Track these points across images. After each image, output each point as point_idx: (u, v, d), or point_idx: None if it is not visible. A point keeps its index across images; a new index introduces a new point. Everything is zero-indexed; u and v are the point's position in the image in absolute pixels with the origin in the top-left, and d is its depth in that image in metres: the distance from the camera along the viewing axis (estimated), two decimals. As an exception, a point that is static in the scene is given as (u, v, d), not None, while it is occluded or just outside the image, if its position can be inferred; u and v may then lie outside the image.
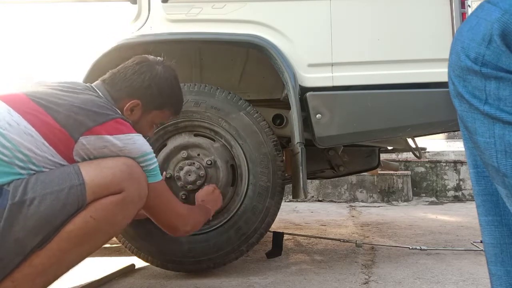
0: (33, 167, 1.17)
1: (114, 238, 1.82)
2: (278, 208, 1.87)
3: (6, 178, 1.14)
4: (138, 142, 1.30)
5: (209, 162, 1.86)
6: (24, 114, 1.20)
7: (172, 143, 1.87)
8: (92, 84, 1.42)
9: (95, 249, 1.25)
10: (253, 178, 1.83)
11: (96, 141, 1.23)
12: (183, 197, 1.84)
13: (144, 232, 1.78)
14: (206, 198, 1.73)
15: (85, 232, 1.18)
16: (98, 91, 1.38)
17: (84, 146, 1.22)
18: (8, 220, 1.09)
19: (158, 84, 1.46)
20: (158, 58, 1.51)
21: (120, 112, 1.36)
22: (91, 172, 1.19)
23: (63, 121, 1.21)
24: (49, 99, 1.25)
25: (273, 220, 1.87)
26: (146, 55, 1.51)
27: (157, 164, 1.36)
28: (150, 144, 1.84)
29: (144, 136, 1.38)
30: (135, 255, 1.82)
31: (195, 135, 1.89)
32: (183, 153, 1.86)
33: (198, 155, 1.87)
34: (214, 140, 1.89)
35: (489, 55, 0.64)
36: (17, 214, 1.10)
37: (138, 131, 1.35)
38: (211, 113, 1.83)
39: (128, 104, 1.42)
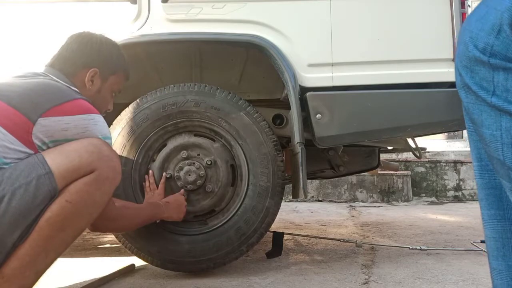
0: None
1: (114, 238, 1.82)
2: (278, 209, 1.87)
3: None
4: (99, 124, 1.28)
5: (209, 162, 1.86)
6: None
7: (172, 143, 1.87)
8: (41, 72, 1.39)
9: (80, 231, 1.25)
10: (253, 178, 1.83)
11: (57, 123, 1.20)
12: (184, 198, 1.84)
13: (144, 232, 1.78)
14: (171, 201, 1.73)
15: (64, 217, 1.17)
16: (50, 75, 1.36)
17: (44, 128, 1.19)
18: None
19: (106, 49, 1.49)
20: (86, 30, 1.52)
21: (79, 91, 1.36)
22: (56, 159, 1.17)
23: (18, 105, 1.18)
24: (0, 87, 1.23)
25: (273, 220, 1.87)
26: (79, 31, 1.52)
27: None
28: (151, 144, 1.85)
29: (103, 114, 1.38)
30: (135, 255, 1.82)
31: (195, 135, 1.89)
32: (183, 153, 1.86)
33: (198, 155, 1.87)
34: (214, 140, 1.89)
35: (498, 45, 0.62)
36: None
37: (101, 102, 1.38)
38: (211, 113, 1.83)
39: (88, 74, 1.42)
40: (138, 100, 1.85)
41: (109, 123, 1.84)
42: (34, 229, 1.14)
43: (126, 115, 1.83)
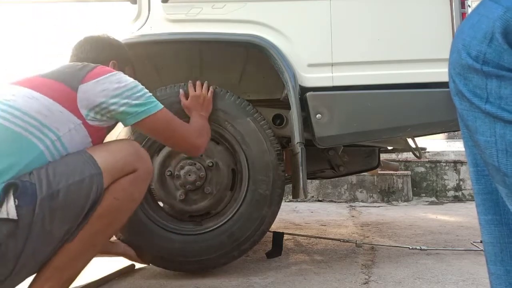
0: (47, 132, 1.20)
1: (114, 238, 1.82)
2: (274, 218, 1.86)
3: (27, 155, 1.16)
4: (126, 77, 1.37)
5: (211, 164, 1.85)
6: (22, 84, 1.27)
7: (176, 141, 1.87)
8: None
9: (122, 225, 1.36)
10: (253, 185, 1.82)
11: (95, 85, 1.29)
12: (181, 197, 1.84)
13: (137, 226, 1.78)
14: (195, 108, 1.77)
15: (112, 213, 1.27)
16: None
17: (86, 94, 1.27)
18: (39, 215, 1.13)
19: (116, 43, 1.59)
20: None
21: None
22: (105, 159, 1.25)
23: (60, 78, 1.29)
24: (39, 73, 1.33)
25: (267, 229, 1.86)
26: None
27: (149, 92, 1.40)
28: (154, 140, 1.85)
29: None
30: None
31: None
32: (186, 152, 1.86)
33: (201, 155, 1.87)
34: (218, 143, 1.89)
35: (490, 53, 0.63)
36: (46, 208, 1.14)
37: None
38: (218, 115, 1.83)
39: (110, 64, 1.50)
40: None
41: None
42: (86, 224, 1.22)
43: None
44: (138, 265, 1.99)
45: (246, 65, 2.12)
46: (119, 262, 1.97)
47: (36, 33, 1.85)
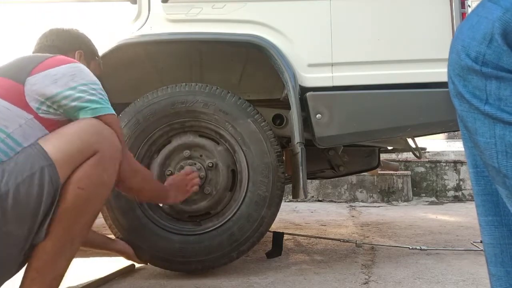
0: None
1: (113, 237, 1.82)
2: (273, 219, 1.86)
3: None
4: (85, 70, 1.28)
5: (211, 164, 1.86)
6: None
7: (176, 141, 1.87)
8: None
9: (98, 212, 1.25)
10: (252, 186, 1.82)
11: (45, 77, 1.20)
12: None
13: (136, 226, 1.78)
14: (173, 183, 1.70)
15: (80, 203, 1.17)
16: None
17: (34, 87, 1.18)
18: None
19: (82, 34, 1.54)
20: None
21: None
22: (57, 146, 1.15)
23: (7, 73, 1.21)
24: None
25: (266, 231, 1.86)
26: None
27: (105, 95, 1.30)
28: (156, 139, 1.85)
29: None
30: None
31: (200, 136, 1.89)
32: (186, 152, 1.86)
33: (201, 156, 1.87)
34: (218, 143, 1.89)
35: (490, 54, 0.63)
36: None
37: None
38: (219, 116, 1.83)
39: (75, 55, 1.45)
40: (148, 94, 1.84)
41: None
42: (54, 221, 1.14)
43: (134, 107, 1.83)
44: (138, 265, 1.99)
45: (246, 65, 2.12)
46: (119, 262, 1.97)
47: (36, 33, 1.85)
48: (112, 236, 1.82)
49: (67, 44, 1.47)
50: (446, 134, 5.97)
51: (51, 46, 1.44)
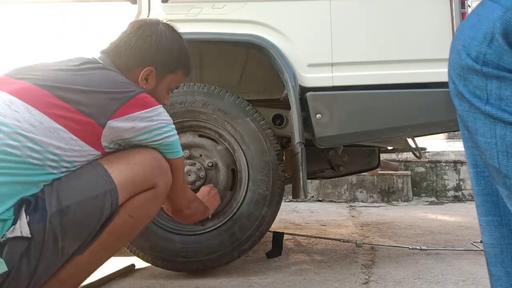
0: (65, 164, 1.13)
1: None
2: (274, 218, 1.86)
3: (38, 178, 1.09)
4: (162, 113, 1.26)
5: (211, 164, 1.86)
6: (43, 110, 1.11)
7: (176, 141, 1.87)
8: (95, 57, 1.33)
9: (130, 240, 1.33)
10: (253, 185, 1.82)
11: (124, 123, 1.18)
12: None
13: None
14: (204, 199, 1.71)
15: (125, 230, 1.21)
16: (109, 67, 1.30)
17: (113, 130, 1.17)
18: (50, 232, 1.07)
19: (166, 46, 1.38)
20: (155, 18, 1.45)
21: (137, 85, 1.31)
22: (121, 172, 1.17)
23: (87, 110, 1.14)
24: (62, 86, 1.16)
25: (267, 229, 1.86)
26: (143, 18, 1.47)
27: (177, 136, 1.31)
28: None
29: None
30: (127, 248, 1.81)
31: (200, 136, 1.89)
32: (185, 153, 1.86)
33: (200, 155, 1.87)
34: (217, 143, 1.89)
35: (490, 54, 0.62)
36: (57, 224, 1.08)
37: (155, 99, 1.29)
38: (218, 115, 1.83)
39: (142, 73, 1.35)
40: None
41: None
42: (96, 240, 1.17)
43: None
44: (138, 265, 1.99)
45: (246, 65, 2.12)
46: (119, 262, 1.97)
47: (36, 33, 1.85)
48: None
49: (140, 57, 1.34)
50: (446, 134, 5.97)
51: (124, 53, 1.34)
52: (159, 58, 1.37)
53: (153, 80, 1.38)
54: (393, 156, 5.46)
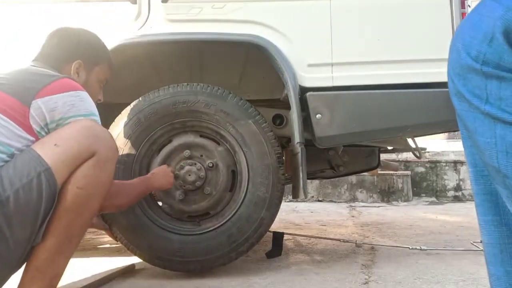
0: (1, 148, 1.16)
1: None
2: (273, 220, 1.86)
3: None
4: (85, 100, 1.30)
5: (211, 165, 1.85)
6: None
7: (177, 141, 1.87)
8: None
9: (95, 212, 1.30)
10: (252, 187, 1.82)
11: (47, 103, 1.23)
12: (180, 197, 1.84)
13: (136, 225, 1.78)
14: (156, 171, 1.75)
15: (79, 202, 1.21)
16: (36, 66, 1.39)
17: (38, 111, 1.21)
18: None
19: (85, 40, 1.53)
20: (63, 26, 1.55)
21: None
22: (53, 151, 1.19)
23: (12, 90, 1.22)
24: None
25: (265, 232, 1.86)
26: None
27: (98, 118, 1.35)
28: (157, 138, 1.83)
29: (96, 103, 1.40)
30: (125, 246, 1.81)
31: (201, 136, 1.89)
32: (186, 152, 1.86)
33: (201, 156, 1.87)
34: (219, 144, 1.89)
35: (490, 53, 0.62)
36: (0, 215, 1.11)
37: (90, 93, 1.36)
38: (220, 116, 1.83)
39: (72, 67, 1.46)
40: (149, 94, 1.84)
41: (111, 122, 1.85)
42: (54, 220, 1.19)
43: (135, 106, 1.83)
44: (138, 265, 1.99)
45: (246, 65, 2.12)
46: (119, 262, 1.97)
47: (36, 33, 1.85)
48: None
49: (66, 53, 1.47)
50: (446, 134, 5.97)
51: (50, 54, 1.45)
52: (82, 50, 1.50)
53: (83, 73, 1.50)
54: (393, 156, 5.46)
